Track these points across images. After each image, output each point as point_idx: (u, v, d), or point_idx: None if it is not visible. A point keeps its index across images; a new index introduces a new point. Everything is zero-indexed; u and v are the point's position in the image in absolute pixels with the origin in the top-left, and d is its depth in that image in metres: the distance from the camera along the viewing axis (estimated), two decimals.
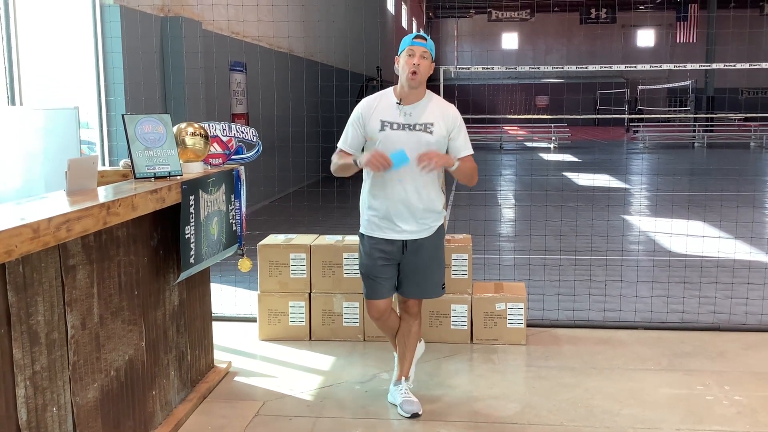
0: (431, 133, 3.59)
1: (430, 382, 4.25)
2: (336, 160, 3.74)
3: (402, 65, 3.58)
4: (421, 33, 3.63)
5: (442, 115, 3.64)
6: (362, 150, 3.72)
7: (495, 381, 4.28)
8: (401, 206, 3.65)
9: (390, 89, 3.71)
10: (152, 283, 3.51)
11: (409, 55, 3.54)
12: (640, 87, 37.47)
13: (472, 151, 3.72)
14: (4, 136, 4.48)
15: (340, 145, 3.76)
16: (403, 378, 3.97)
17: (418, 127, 3.59)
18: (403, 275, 3.80)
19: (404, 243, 3.72)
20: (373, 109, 3.66)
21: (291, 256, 4.93)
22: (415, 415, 3.79)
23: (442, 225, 3.84)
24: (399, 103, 3.61)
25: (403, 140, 3.57)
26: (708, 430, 3.65)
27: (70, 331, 2.81)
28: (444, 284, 3.92)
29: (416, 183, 3.64)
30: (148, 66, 7.76)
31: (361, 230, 3.82)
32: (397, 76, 3.66)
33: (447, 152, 3.68)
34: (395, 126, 3.60)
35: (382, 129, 3.60)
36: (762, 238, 8.55)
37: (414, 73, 3.52)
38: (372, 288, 3.81)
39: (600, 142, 29.07)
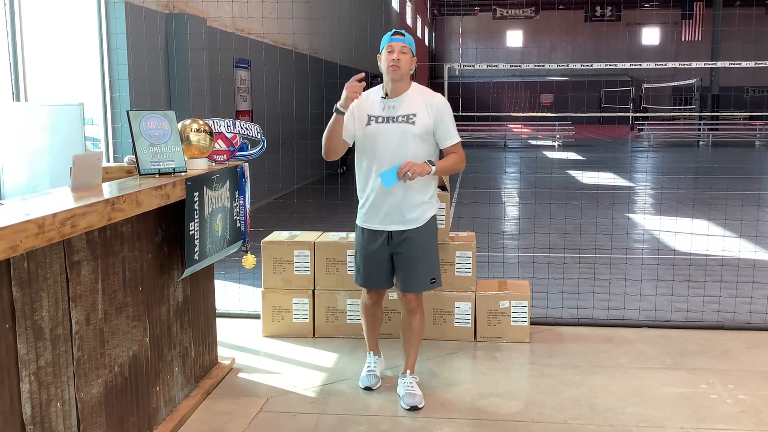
0: (413, 123, 3.70)
1: (433, 379, 4.25)
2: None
3: (383, 61, 3.74)
4: (400, 30, 3.77)
5: (426, 104, 3.74)
6: (353, 144, 3.86)
7: (498, 378, 4.28)
8: (385, 198, 3.75)
9: (379, 86, 3.84)
10: (156, 279, 3.51)
11: (389, 52, 3.70)
12: (645, 85, 37.36)
13: (458, 139, 3.82)
14: (9, 132, 4.49)
15: None
16: (408, 371, 4.00)
17: (400, 119, 3.71)
18: (395, 267, 3.88)
19: (389, 235, 3.80)
20: (363, 103, 3.78)
21: (295, 252, 4.93)
22: (413, 408, 3.82)
23: (434, 216, 3.87)
24: (384, 98, 3.76)
25: (389, 132, 3.69)
26: (712, 429, 3.64)
27: (75, 326, 2.82)
28: (434, 278, 3.90)
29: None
30: (152, 62, 7.77)
31: (356, 221, 3.96)
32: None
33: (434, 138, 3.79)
34: (380, 120, 3.74)
35: (369, 123, 3.76)
36: (767, 236, 8.53)
37: (394, 66, 3.65)
38: (361, 276, 3.97)
39: (604, 141, 29.03)
